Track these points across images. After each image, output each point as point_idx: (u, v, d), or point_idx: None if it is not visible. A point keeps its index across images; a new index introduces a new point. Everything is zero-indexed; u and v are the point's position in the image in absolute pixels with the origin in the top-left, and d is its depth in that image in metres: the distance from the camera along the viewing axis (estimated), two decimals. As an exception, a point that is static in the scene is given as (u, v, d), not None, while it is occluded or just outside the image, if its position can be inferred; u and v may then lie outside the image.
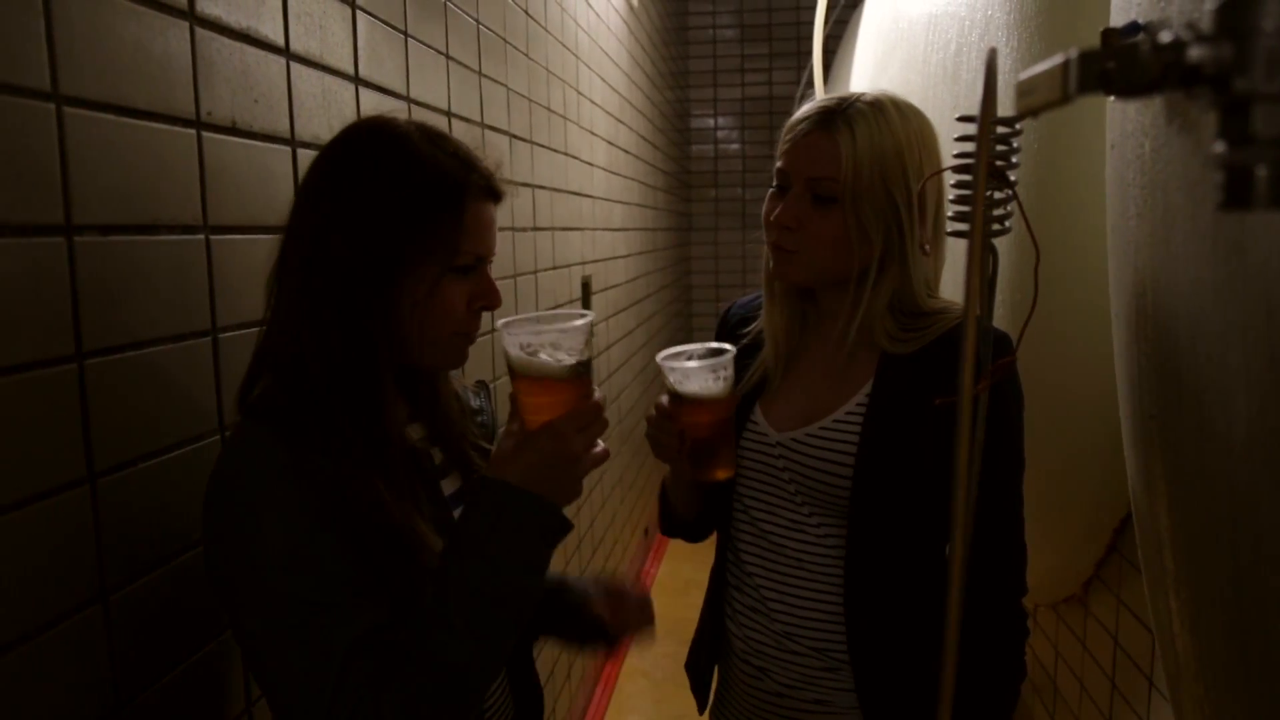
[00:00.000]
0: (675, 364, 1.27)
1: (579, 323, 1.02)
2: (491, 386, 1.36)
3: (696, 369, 1.27)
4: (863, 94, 1.30)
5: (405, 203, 1.00)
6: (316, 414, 0.99)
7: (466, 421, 1.22)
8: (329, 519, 0.94)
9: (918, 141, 1.28)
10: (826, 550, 1.33)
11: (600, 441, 1.04)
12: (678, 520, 1.54)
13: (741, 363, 1.46)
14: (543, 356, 1.01)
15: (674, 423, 1.31)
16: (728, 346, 1.30)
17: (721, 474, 1.35)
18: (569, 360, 1.01)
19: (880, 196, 1.25)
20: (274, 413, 1.00)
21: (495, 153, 1.12)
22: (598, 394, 1.04)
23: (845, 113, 1.27)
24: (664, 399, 1.33)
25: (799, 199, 1.30)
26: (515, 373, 1.03)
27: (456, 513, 1.14)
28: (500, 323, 1.03)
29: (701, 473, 1.36)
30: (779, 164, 1.33)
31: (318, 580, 0.93)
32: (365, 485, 0.97)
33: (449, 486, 1.17)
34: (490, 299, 1.09)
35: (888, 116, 1.27)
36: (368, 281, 1.00)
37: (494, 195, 1.09)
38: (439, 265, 1.02)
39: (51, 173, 0.94)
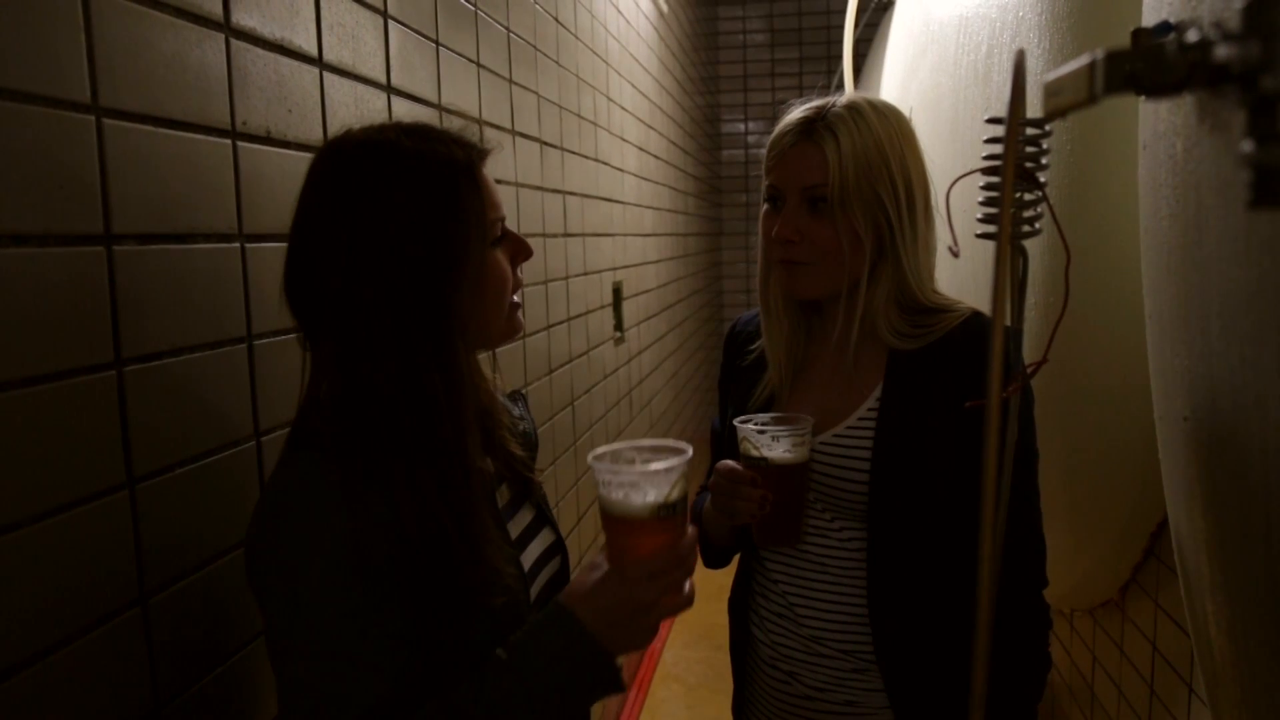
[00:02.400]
0: (764, 428, 1.30)
1: (659, 465, 0.96)
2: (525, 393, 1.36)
3: (785, 435, 1.29)
4: (837, 99, 1.34)
5: (436, 201, 0.99)
6: (382, 444, 0.96)
7: (507, 423, 1.20)
8: (383, 559, 0.93)
9: (897, 138, 1.31)
10: (850, 553, 1.35)
11: (689, 582, 0.99)
12: (717, 551, 1.54)
13: (751, 378, 1.48)
14: (620, 495, 0.96)
15: (757, 488, 1.30)
16: (806, 418, 1.32)
17: (792, 542, 1.37)
18: (649, 500, 0.95)
19: (868, 195, 1.29)
20: (330, 442, 0.97)
21: (457, 121, 1.12)
22: (690, 531, 0.99)
23: (825, 119, 1.31)
24: (729, 462, 1.35)
25: (796, 210, 1.33)
26: (600, 506, 0.99)
27: (509, 525, 1.13)
28: (591, 455, 0.99)
29: (769, 539, 1.37)
30: (769, 180, 1.37)
31: (351, 634, 0.91)
32: (428, 522, 0.95)
33: (502, 498, 1.16)
34: (524, 251, 1.12)
35: (865, 117, 1.30)
36: (425, 287, 0.97)
37: (483, 156, 1.07)
38: (480, 244, 1.02)
39: (91, 183, 0.96)
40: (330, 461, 0.95)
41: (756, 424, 1.31)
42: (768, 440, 1.30)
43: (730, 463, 1.35)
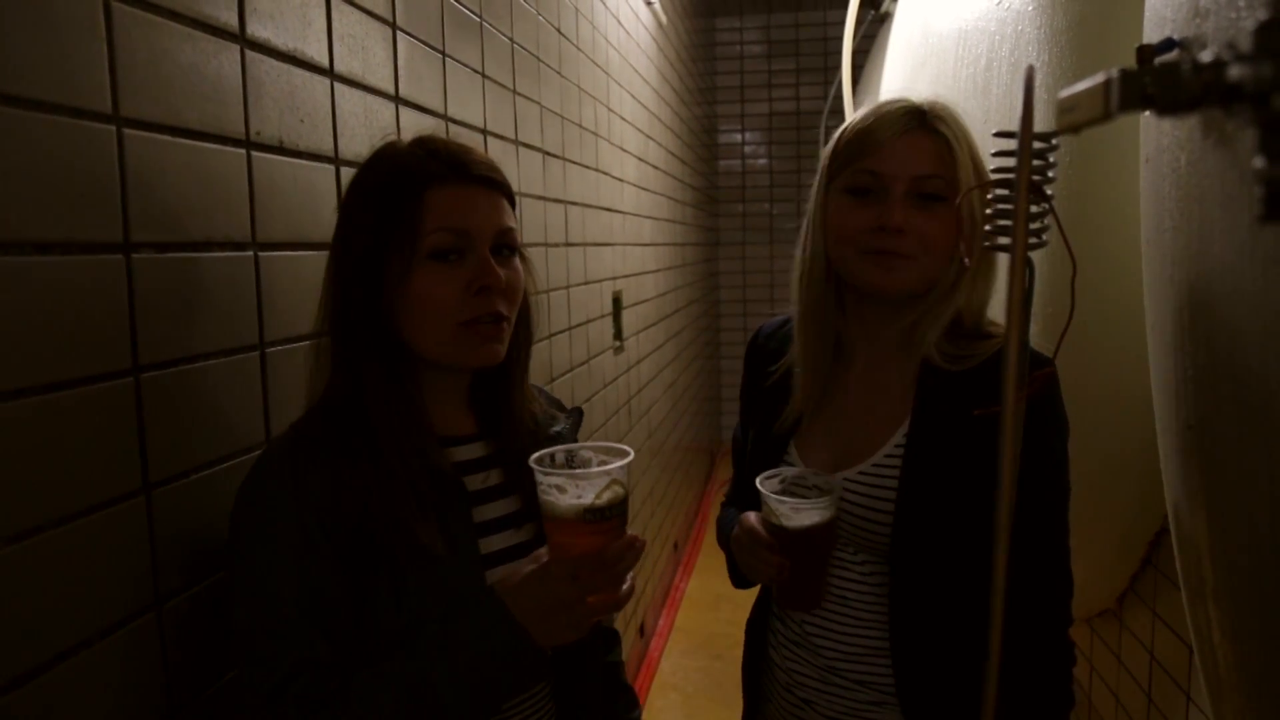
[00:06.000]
0: (784, 498, 1.25)
1: (583, 470, 1.01)
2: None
3: (806, 507, 1.24)
4: (923, 98, 1.29)
5: (371, 199, 1.07)
6: (339, 424, 1.05)
7: (527, 445, 1.18)
8: (322, 534, 0.99)
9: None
10: (872, 587, 1.30)
11: (629, 578, 1.02)
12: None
13: (774, 404, 1.41)
14: (551, 496, 0.99)
15: (775, 554, 1.26)
16: (834, 483, 1.27)
17: (811, 608, 1.32)
18: (574, 502, 0.98)
19: (979, 194, 1.24)
20: (304, 423, 1.08)
21: (476, 145, 1.15)
22: (629, 535, 1.01)
23: (934, 111, 1.26)
24: (754, 518, 1.30)
25: (905, 200, 1.24)
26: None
27: (490, 539, 1.12)
28: (533, 456, 1.02)
29: (789, 604, 1.33)
30: (863, 166, 1.26)
31: (289, 592, 0.98)
32: (357, 498, 1.01)
33: (499, 510, 1.15)
34: (484, 278, 1.06)
35: (959, 117, 1.27)
36: (352, 285, 1.06)
37: (463, 177, 1.07)
38: (405, 253, 1.05)
39: (112, 192, 0.97)
40: (291, 443, 1.04)
41: (778, 489, 1.26)
42: (787, 511, 1.24)
43: (753, 520, 1.30)
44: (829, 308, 1.35)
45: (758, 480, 1.27)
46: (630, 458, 1.01)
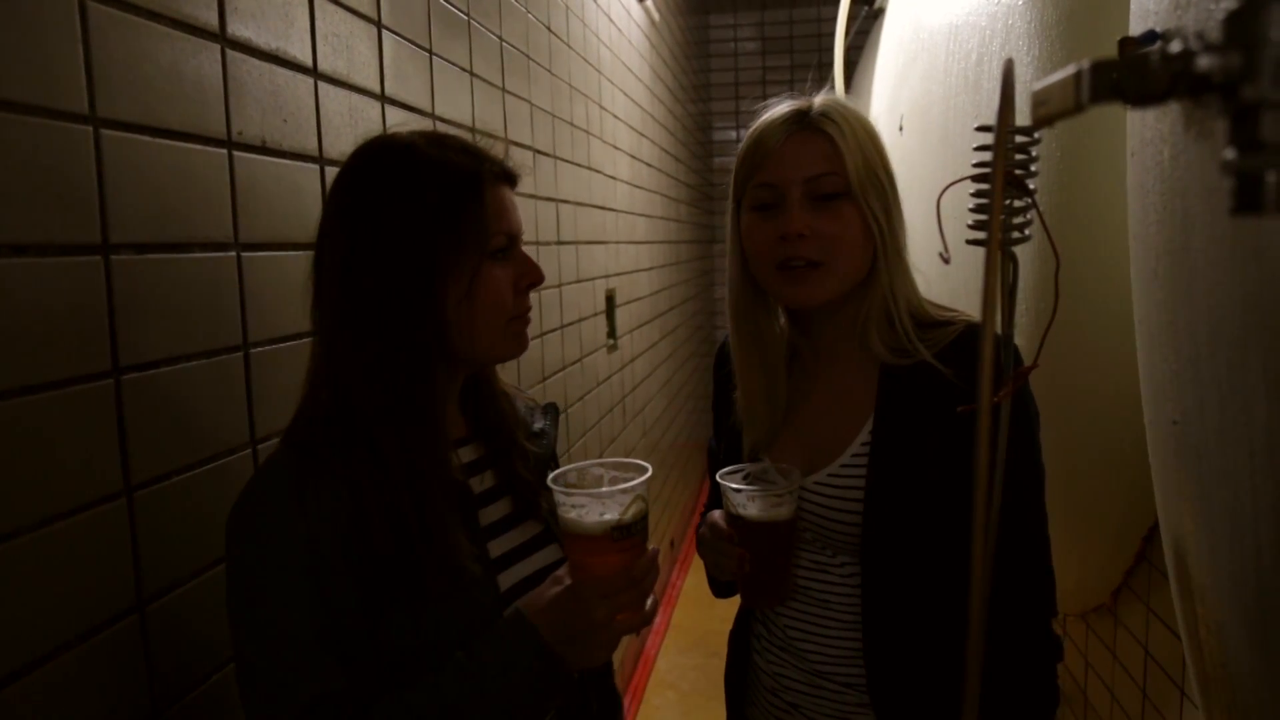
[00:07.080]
0: (740, 486, 1.25)
1: (608, 488, 0.99)
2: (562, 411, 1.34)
3: (761, 495, 1.24)
4: (811, 98, 1.29)
5: (429, 205, 1.01)
6: (349, 438, 0.99)
7: (521, 441, 1.20)
8: (334, 552, 0.94)
9: (875, 133, 1.27)
10: (852, 589, 1.28)
11: (653, 595, 1.00)
12: (724, 583, 1.46)
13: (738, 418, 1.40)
14: (574, 514, 0.98)
15: (735, 545, 1.26)
16: (793, 471, 1.26)
17: (776, 603, 1.33)
18: (601, 519, 0.97)
19: (880, 182, 1.23)
20: (304, 438, 1.00)
21: (496, 142, 1.12)
22: (649, 552, 1.00)
23: (816, 109, 1.25)
24: (717, 514, 1.31)
25: (802, 205, 1.23)
26: (560, 524, 1.01)
27: (494, 543, 1.11)
28: (550, 476, 1.02)
29: (753, 599, 1.33)
30: (761, 180, 1.26)
31: (299, 624, 0.93)
32: (385, 516, 0.96)
33: (498, 512, 1.14)
34: (533, 275, 1.10)
35: (849, 108, 1.26)
36: (409, 290, 1.00)
37: (508, 179, 1.10)
38: (474, 255, 1.03)
39: (89, 193, 0.96)
40: (293, 459, 0.98)
41: (735, 480, 1.26)
42: (743, 500, 1.24)
43: (717, 515, 1.31)
44: (768, 329, 1.35)
45: (718, 474, 1.28)
46: (649, 473, 1.00)
